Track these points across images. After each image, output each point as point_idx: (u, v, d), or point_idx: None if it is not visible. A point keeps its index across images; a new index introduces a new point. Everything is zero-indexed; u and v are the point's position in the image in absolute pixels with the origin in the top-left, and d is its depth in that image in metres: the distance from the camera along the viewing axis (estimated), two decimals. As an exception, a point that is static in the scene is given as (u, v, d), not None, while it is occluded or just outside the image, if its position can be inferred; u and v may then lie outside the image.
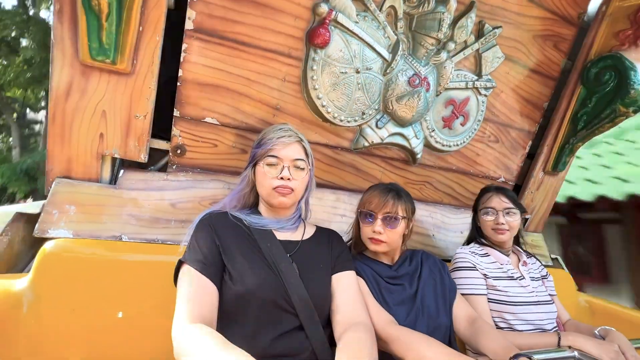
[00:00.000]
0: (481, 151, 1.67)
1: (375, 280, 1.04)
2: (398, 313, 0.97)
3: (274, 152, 0.94)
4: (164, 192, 1.18)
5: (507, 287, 1.21)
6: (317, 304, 0.86)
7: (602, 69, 1.53)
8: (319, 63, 1.24)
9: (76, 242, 1.02)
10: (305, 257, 0.93)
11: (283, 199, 0.93)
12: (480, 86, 1.52)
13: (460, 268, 1.25)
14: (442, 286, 1.09)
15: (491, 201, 1.31)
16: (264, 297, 0.80)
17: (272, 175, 0.93)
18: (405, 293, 1.04)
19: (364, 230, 1.09)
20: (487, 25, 1.45)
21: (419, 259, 1.14)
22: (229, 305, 0.80)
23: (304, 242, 0.97)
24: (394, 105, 1.37)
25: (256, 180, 0.99)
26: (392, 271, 1.08)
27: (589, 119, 1.60)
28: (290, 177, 0.93)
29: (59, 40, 0.98)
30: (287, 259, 0.88)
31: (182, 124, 1.18)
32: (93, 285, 0.98)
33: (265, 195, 0.96)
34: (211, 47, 1.13)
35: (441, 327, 1.00)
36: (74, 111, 1.05)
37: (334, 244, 1.01)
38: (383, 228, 1.03)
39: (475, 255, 1.27)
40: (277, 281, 0.83)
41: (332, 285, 0.93)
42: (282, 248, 0.90)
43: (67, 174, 1.10)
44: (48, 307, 0.93)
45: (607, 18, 1.54)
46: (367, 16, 1.26)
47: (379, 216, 1.04)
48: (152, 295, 1.02)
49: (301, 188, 0.98)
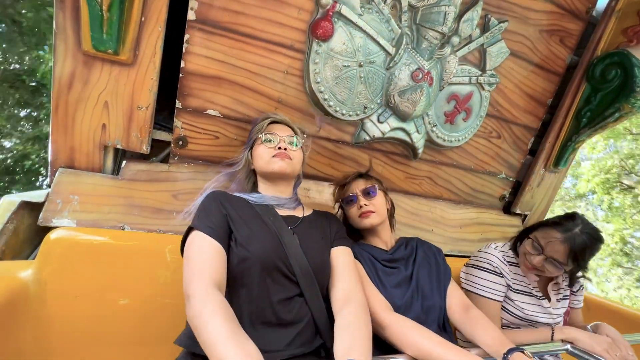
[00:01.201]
0: (482, 147, 1.66)
1: (372, 263, 1.07)
2: (395, 294, 1.01)
3: (269, 130, 1.03)
4: (165, 183, 1.19)
5: (524, 304, 1.18)
6: (317, 273, 0.89)
7: (608, 66, 1.51)
8: (322, 56, 1.23)
9: (79, 230, 1.04)
10: (305, 230, 0.96)
11: (282, 164, 0.98)
12: (483, 81, 1.51)
13: (484, 269, 1.20)
14: (436, 269, 1.12)
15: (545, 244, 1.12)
16: (268, 261, 0.83)
17: (270, 146, 1.00)
18: (401, 275, 1.07)
19: (351, 213, 1.15)
20: (492, 20, 1.43)
21: (414, 245, 1.18)
22: (234, 269, 0.83)
23: (304, 218, 1.00)
24: (396, 100, 1.36)
25: (254, 159, 1.04)
26: (389, 255, 1.12)
27: (592, 117, 1.59)
28: (287, 149, 1.00)
29: (62, 30, 0.98)
30: (289, 232, 0.92)
31: (184, 116, 1.18)
32: (96, 272, 1.00)
33: (265, 165, 0.99)
34: (213, 38, 1.13)
35: (435, 307, 1.03)
36: (77, 101, 1.06)
37: (332, 222, 1.05)
38: (366, 201, 1.12)
39: (505, 262, 1.21)
40: (279, 248, 0.86)
41: (331, 257, 0.97)
42: (284, 222, 0.94)
43: (71, 164, 1.11)
44: (53, 293, 0.96)
45: (616, 14, 1.51)
46: (371, 8, 1.25)
47: (359, 193, 1.14)
48: (154, 284, 1.05)
49: (298, 161, 1.03)
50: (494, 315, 1.15)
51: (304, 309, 0.85)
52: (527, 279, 1.22)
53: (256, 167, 1.03)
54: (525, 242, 1.18)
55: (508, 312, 1.20)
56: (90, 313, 0.99)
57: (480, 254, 1.26)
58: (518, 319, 1.19)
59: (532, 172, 1.77)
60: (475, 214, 1.77)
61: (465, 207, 1.76)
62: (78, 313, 0.98)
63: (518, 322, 1.19)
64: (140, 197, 1.15)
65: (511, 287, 1.19)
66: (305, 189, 1.40)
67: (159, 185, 1.18)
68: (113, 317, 1.01)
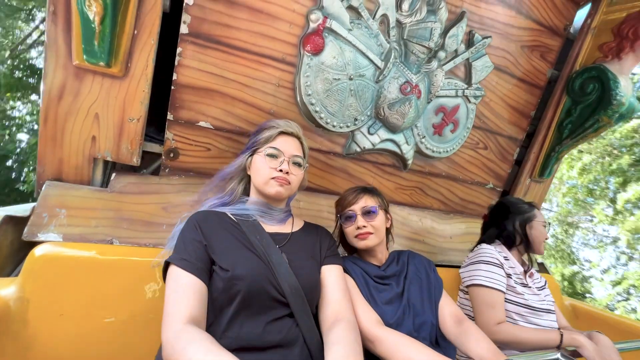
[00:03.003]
0: (470, 158, 1.70)
1: (364, 279, 1.06)
2: (386, 311, 1.00)
3: (276, 144, 0.96)
4: (156, 196, 1.17)
5: (523, 291, 1.26)
6: (307, 293, 0.87)
7: (586, 80, 1.59)
8: (313, 69, 1.25)
9: (66, 245, 1.01)
10: (294, 248, 0.93)
11: (280, 189, 0.93)
12: (469, 94, 1.56)
13: (486, 262, 1.28)
14: (427, 284, 1.12)
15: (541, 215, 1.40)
16: (255, 286, 0.80)
17: (272, 165, 0.94)
18: (392, 292, 1.06)
19: (348, 231, 1.12)
20: (477, 35, 1.49)
21: (405, 259, 1.17)
22: (220, 295, 0.81)
23: (292, 235, 0.97)
24: (385, 112, 1.39)
25: (252, 168, 0.98)
26: (381, 271, 1.11)
27: (573, 128, 1.65)
28: (289, 171, 0.95)
29: (53, 42, 0.98)
30: (277, 251, 0.88)
31: (175, 128, 1.18)
32: (82, 289, 0.97)
33: (262, 184, 0.95)
34: (206, 51, 1.14)
35: (426, 323, 1.03)
36: (67, 113, 1.05)
37: (322, 237, 1.02)
38: (365, 222, 1.08)
39: (501, 256, 1.31)
40: (268, 271, 0.83)
41: (321, 275, 0.95)
42: (271, 240, 0.90)
43: (58, 176, 1.09)
44: (36, 312, 0.92)
45: (592, 31, 1.60)
46: (360, 24, 1.29)
47: (358, 212, 1.09)
48: (143, 300, 1.02)
49: (297, 183, 0.99)
50: (497, 304, 1.19)
51: (294, 330, 0.83)
52: (517, 271, 1.30)
53: (252, 178, 0.99)
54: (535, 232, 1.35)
55: (513, 302, 1.24)
56: (75, 332, 0.96)
57: (478, 250, 1.34)
58: (523, 307, 1.24)
59: (519, 182, 1.82)
60: (465, 223, 1.80)
61: (455, 217, 1.78)
62: (62, 333, 0.94)
63: (523, 310, 1.23)
64: (130, 209, 1.13)
65: (511, 276, 1.27)
66: (296, 200, 1.40)
67: (149, 197, 1.17)
68: (99, 335, 0.98)
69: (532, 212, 1.38)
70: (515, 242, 1.36)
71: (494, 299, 1.20)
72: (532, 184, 1.85)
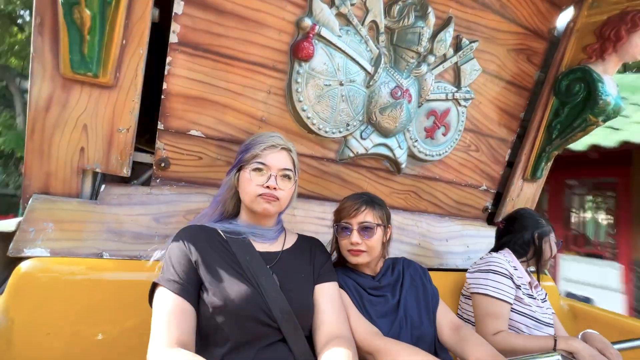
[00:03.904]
0: (463, 160, 1.71)
1: (358, 292, 1.03)
2: (381, 325, 0.96)
3: (262, 158, 0.91)
4: (146, 207, 1.15)
5: (530, 302, 1.26)
6: (300, 316, 0.84)
7: (572, 81, 1.61)
8: (304, 76, 1.26)
9: (53, 260, 0.98)
10: (286, 268, 0.90)
11: (267, 206, 0.90)
12: (459, 97, 1.58)
13: (496, 272, 1.26)
14: (424, 294, 1.09)
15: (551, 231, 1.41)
16: (244, 312, 0.78)
17: (258, 182, 0.90)
18: (388, 304, 1.03)
19: (342, 243, 1.07)
20: (464, 40, 1.51)
21: (400, 268, 1.14)
22: (207, 322, 0.78)
23: (284, 253, 0.94)
24: (377, 117, 1.40)
25: (239, 185, 0.95)
26: (375, 282, 1.07)
27: (562, 128, 1.67)
28: (277, 187, 0.90)
29: (39, 53, 0.97)
30: (267, 272, 0.86)
31: (166, 137, 1.17)
32: (70, 306, 0.94)
33: (249, 202, 0.92)
34: (196, 60, 1.14)
35: (425, 337, 1.00)
36: (54, 125, 1.03)
37: (317, 253, 1.00)
38: (360, 238, 1.02)
39: (512, 266, 1.30)
40: (257, 295, 0.80)
41: (314, 295, 0.91)
42: (261, 260, 0.88)
43: (46, 189, 1.06)
44: (21, 331, 0.89)
45: (575, 33, 1.64)
46: (349, 30, 1.30)
47: (355, 227, 1.03)
48: (134, 315, 0.99)
49: (286, 198, 0.95)
50: (501, 316, 1.18)
51: (288, 356, 0.80)
52: (524, 281, 1.30)
53: (240, 195, 0.96)
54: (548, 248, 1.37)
55: (519, 313, 1.24)
56: (63, 352, 0.92)
57: (488, 259, 1.33)
58: (529, 318, 1.23)
59: (512, 183, 1.83)
60: (461, 226, 1.79)
61: (451, 220, 1.78)
62: (49, 353, 0.90)
63: (529, 321, 1.23)
64: (120, 221, 1.10)
65: (520, 288, 1.26)
66: (291, 208, 1.38)
67: (140, 208, 1.14)
68: (88, 355, 0.94)
69: (549, 227, 1.41)
70: (527, 253, 1.37)
71: (499, 309, 1.19)
72: (525, 184, 1.87)
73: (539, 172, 1.81)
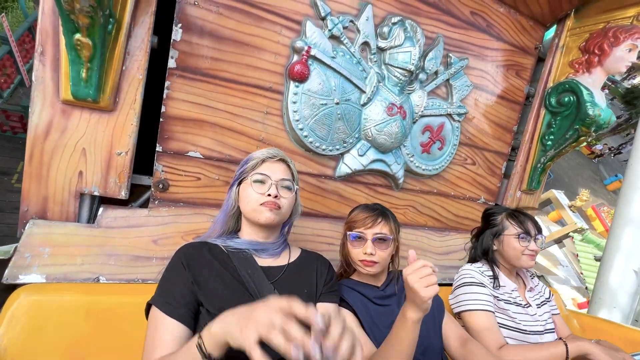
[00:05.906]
0: (460, 174, 1.73)
1: (364, 304, 1.02)
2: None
3: (262, 169, 0.93)
4: (144, 229, 1.14)
5: (516, 314, 1.19)
6: None
7: (561, 94, 1.66)
8: (300, 96, 1.28)
9: (48, 287, 0.96)
10: (288, 283, 0.89)
11: (270, 215, 0.89)
12: (453, 112, 1.61)
13: (466, 284, 1.22)
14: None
15: (526, 225, 1.25)
16: None
17: (259, 191, 0.90)
18: (394, 314, 1.01)
19: (353, 252, 1.06)
20: (454, 58, 1.56)
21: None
22: None
23: (287, 268, 0.93)
24: (373, 133, 1.42)
25: (240, 199, 0.95)
26: (380, 291, 1.07)
27: (555, 140, 1.70)
28: (278, 195, 0.91)
29: (40, 81, 0.99)
30: (269, 287, 0.84)
31: (164, 159, 1.18)
32: (65, 334, 0.91)
33: (251, 212, 0.91)
34: (194, 84, 1.16)
35: (432, 347, 0.98)
36: (53, 150, 1.03)
37: (322, 270, 0.98)
38: (374, 249, 1.01)
39: (484, 275, 1.24)
40: None
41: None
42: (263, 275, 0.86)
43: (43, 214, 1.06)
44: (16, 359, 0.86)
45: (561, 49, 1.70)
46: (343, 51, 1.34)
47: (370, 237, 1.02)
48: (131, 341, 0.96)
49: (288, 207, 0.95)
50: (491, 326, 1.13)
51: None
52: (507, 289, 1.24)
53: (241, 208, 0.95)
54: (506, 246, 1.26)
55: (507, 327, 1.18)
56: None
57: (459, 273, 1.30)
58: (512, 330, 1.18)
59: (509, 195, 1.84)
60: (461, 239, 1.79)
61: (451, 234, 1.77)
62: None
63: (512, 333, 1.17)
64: (117, 244, 1.09)
65: (499, 298, 1.21)
66: (290, 226, 1.38)
67: (138, 231, 1.13)
68: None
69: (501, 224, 1.29)
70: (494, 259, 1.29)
71: (485, 320, 1.14)
72: (522, 195, 1.87)
73: (535, 182, 1.83)
